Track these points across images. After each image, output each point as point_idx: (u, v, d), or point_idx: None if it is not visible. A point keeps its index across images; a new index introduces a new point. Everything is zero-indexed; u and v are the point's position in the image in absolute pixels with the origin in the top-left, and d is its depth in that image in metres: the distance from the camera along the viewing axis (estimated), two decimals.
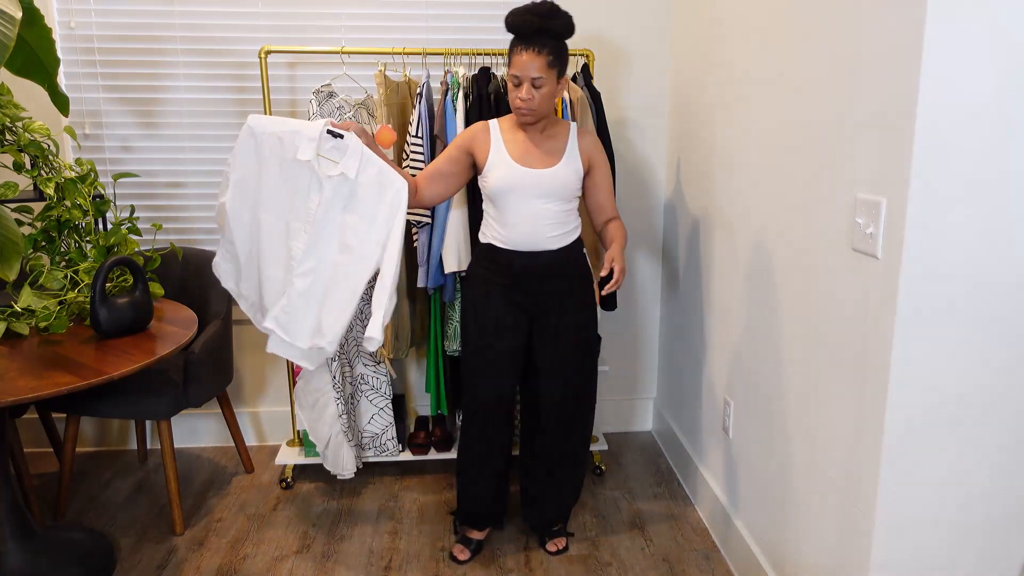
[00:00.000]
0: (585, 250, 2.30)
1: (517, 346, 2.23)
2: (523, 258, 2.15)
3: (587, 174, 2.20)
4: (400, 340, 2.69)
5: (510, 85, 2.06)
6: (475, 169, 2.22)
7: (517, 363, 2.26)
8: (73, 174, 2.42)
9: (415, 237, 2.63)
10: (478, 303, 2.22)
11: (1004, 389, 1.51)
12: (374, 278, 2.06)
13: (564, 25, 2.02)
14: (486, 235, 2.22)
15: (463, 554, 2.37)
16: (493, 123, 2.20)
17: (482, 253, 2.23)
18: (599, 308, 2.90)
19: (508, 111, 2.56)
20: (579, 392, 2.31)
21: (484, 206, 2.23)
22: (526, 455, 2.44)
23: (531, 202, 2.12)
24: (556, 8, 2.01)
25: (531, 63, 1.99)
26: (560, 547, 2.42)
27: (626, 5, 2.91)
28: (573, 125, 2.22)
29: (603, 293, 2.04)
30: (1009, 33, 1.35)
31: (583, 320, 2.26)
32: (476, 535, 2.42)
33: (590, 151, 2.19)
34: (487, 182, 2.14)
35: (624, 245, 2.15)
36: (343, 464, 2.69)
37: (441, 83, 2.57)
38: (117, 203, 2.90)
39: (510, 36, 2.90)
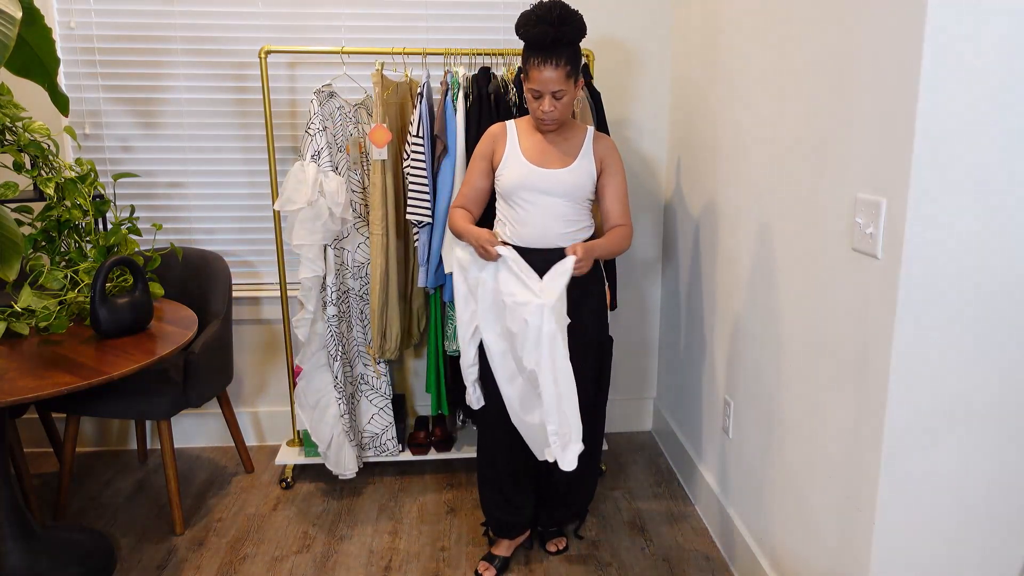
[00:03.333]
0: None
1: None
2: (533, 255, 2.13)
3: (598, 177, 2.20)
4: (387, 341, 2.68)
5: (529, 96, 2.06)
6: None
7: None
8: (73, 174, 2.42)
9: (415, 237, 2.63)
10: None
11: (1004, 389, 1.51)
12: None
13: (577, 30, 2.01)
14: (499, 233, 2.21)
15: (489, 571, 2.30)
16: (510, 124, 2.22)
17: None
18: None
19: (507, 111, 2.56)
20: (589, 394, 2.26)
21: (497, 205, 2.24)
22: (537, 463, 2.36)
23: (542, 200, 2.12)
24: (567, 11, 1.99)
25: (551, 78, 1.99)
26: (560, 547, 2.42)
27: (626, 5, 2.91)
28: (590, 129, 2.22)
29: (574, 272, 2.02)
30: (1009, 33, 1.35)
31: (593, 320, 2.23)
32: (503, 551, 2.35)
33: (604, 155, 2.19)
34: (500, 180, 2.16)
35: (605, 247, 2.12)
36: (345, 464, 2.69)
37: (441, 83, 2.57)
38: (117, 203, 2.90)
39: (510, 36, 2.92)
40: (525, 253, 2.12)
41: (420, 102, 2.51)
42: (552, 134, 2.16)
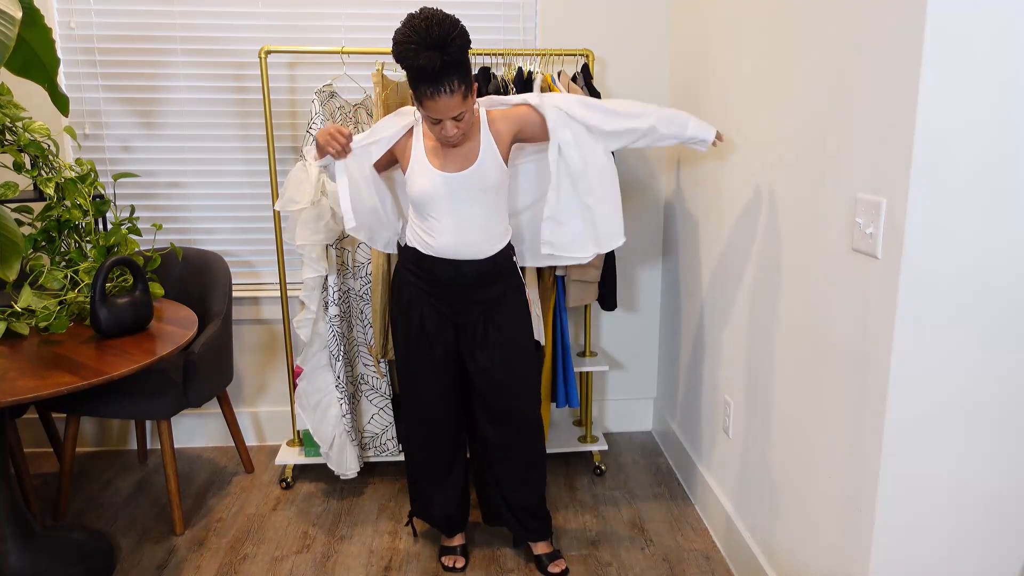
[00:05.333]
0: (516, 258, 2.19)
1: (444, 353, 2.16)
2: (446, 266, 2.06)
3: (531, 137, 2.07)
4: (389, 340, 2.68)
5: (428, 122, 1.92)
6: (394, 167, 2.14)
7: (448, 369, 2.19)
8: (73, 174, 2.42)
9: None
10: (403, 308, 2.15)
11: (1004, 389, 1.51)
12: None
13: (461, 47, 1.82)
14: (410, 239, 2.12)
15: (458, 561, 2.33)
16: (416, 130, 2.07)
17: (407, 256, 2.13)
18: (599, 307, 2.91)
19: None
20: (515, 408, 2.20)
21: (409, 212, 2.13)
22: (481, 471, 2.36)
23: (455, 207, 2.01)
24: (445, 27, 1.79)
25: (447, 105, 1.84)
26: (561, 568, 2.30)
27: (626, 5, 2.91)
28: (482, 112, 2.05)
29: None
30: (1009, 32, 1.35)
31: (512, 330, 2.15)
32: (456, 540, 2.38)
33: (510, 128, 2.04)
34: (409, 190, 2.04)
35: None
36: (347, 464, 2.69)
37: None
38: (117, 203, 2.90)
39: (509, 36, 2.92)
40: (438, 263, 2.06)
41: None
42: None
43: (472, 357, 2.17)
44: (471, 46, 1.87)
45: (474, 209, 2.04)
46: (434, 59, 1.77)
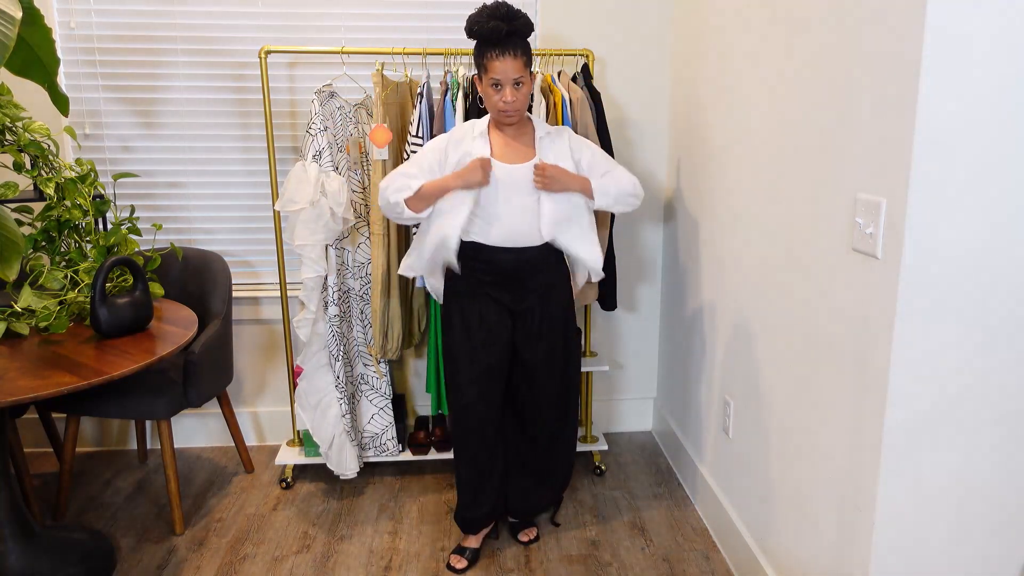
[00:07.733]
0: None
1: (503, 344, 2.26)
2: (508, 254, 2.18)
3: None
4: (389, 341, 2.69)
5: (488, 90, 2.11)
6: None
7: (504, 361, 2.29)
8: (73, 174, 2.42)
9: (413, 236, 2.62)
10: (463, 300, 2.24)
11: (1004, 389, 1.51)
12: None
13: (527, 24, 2.09)
14: (469, 233, 2.19)
15: (460, 563, 2.34)
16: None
17: (465, 251, 2.21)
18: (600, 308, 2.91)
19: None
20: (565, 388, 2.36)
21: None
22: (513, 452, 2.44)
23: (516, 197, 2.16)
24: (512, 8, 2.08)
25: (511, 66, 2.06)
26: (531, 537, 2.47)
27: (626, 5, 2.91)
28: (536, 121, 2.26)
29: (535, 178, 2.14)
30: (1009, 33, 1.35)
31: (563, 315, 2.30)
32: (473, 543, 2.40)
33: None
34: None
35: (587, 186, 2.20)
36: (346, 464, 2.69)
37: (441, 83, 2.57)
38: (117, 203, 2.90)
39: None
40: (499, 252, 2.18)
41: (420, 102, 2.51)
42: (512, 129, 2.20)
43: (527, 344, 2.27)
44: (531, 31, 2.12)
45: (530, 199, 2.16)
46: (501, 27, 2.04)
